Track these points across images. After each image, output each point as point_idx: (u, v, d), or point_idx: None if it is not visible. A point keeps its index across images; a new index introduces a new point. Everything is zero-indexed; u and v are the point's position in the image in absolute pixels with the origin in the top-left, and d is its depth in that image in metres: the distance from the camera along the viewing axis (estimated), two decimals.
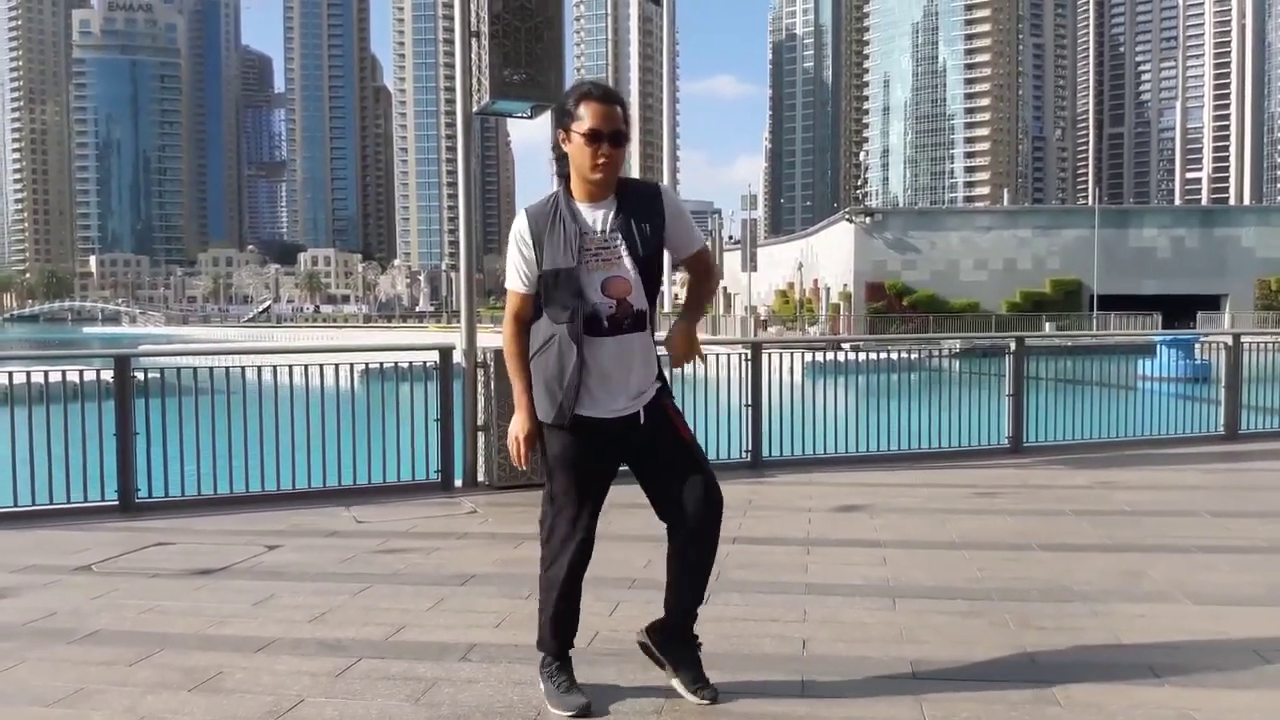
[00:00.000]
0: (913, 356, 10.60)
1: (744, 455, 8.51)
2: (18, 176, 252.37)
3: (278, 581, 5.08)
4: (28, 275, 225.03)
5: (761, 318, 56.08)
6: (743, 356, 8.65)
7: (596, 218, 3.27)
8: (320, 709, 3.38)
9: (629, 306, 3.26)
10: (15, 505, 6.74)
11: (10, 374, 7.18)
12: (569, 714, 3.31)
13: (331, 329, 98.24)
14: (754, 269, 60.64)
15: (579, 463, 3.33)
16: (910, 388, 9.45)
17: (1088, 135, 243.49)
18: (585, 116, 3.20)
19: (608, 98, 3.24)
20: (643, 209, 3.30)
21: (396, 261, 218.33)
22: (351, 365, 7.97)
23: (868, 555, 5.48)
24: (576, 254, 3.21)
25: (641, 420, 3.33)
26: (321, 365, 7.79)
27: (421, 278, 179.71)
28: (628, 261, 3.25)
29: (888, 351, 10.57)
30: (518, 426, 3.36)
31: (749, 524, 6.39)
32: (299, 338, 78.79)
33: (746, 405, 8.51)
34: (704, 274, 3.55)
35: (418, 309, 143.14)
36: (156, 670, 3.78)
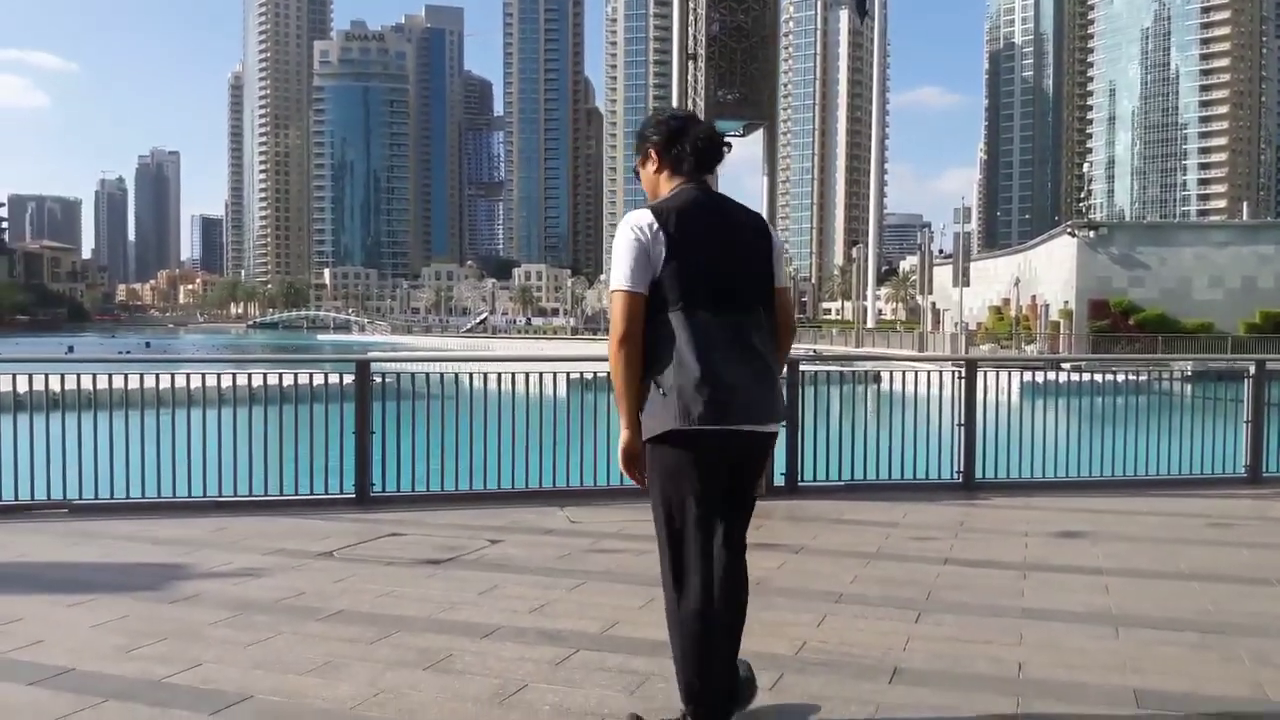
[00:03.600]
0: (1140, 378, 10.06)
1: (955, 475, 8.29)
2: (263, 196, 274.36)
3: (500, 573, 5.38)
4: (269, 286, 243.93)
5: (965, 334, 54.08)
6: (955, 374, 8.46)
7: None
8: (542, 694, 3.58)
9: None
10: (266, 494, 7.41)
11: (265, 375, 7.90)
12: None
13: (541, 340, 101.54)
14: (966, 284, 58.64)
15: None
16: (1136, 411, 8.97)
17: None
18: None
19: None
20: None
21: (603, 277, 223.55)
22: (568, 374, 8.30)
23: (1089, 582, 5.27)
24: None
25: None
26: (540, 374, 8.15)
27: None
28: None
29: (1113, 373, 10.09)
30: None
31: (960, 546, 6.26)
32: (513, 347, 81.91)
33: (959, 424, 8.31)
34: None
35: None
36: (394, 649, 4.09)
